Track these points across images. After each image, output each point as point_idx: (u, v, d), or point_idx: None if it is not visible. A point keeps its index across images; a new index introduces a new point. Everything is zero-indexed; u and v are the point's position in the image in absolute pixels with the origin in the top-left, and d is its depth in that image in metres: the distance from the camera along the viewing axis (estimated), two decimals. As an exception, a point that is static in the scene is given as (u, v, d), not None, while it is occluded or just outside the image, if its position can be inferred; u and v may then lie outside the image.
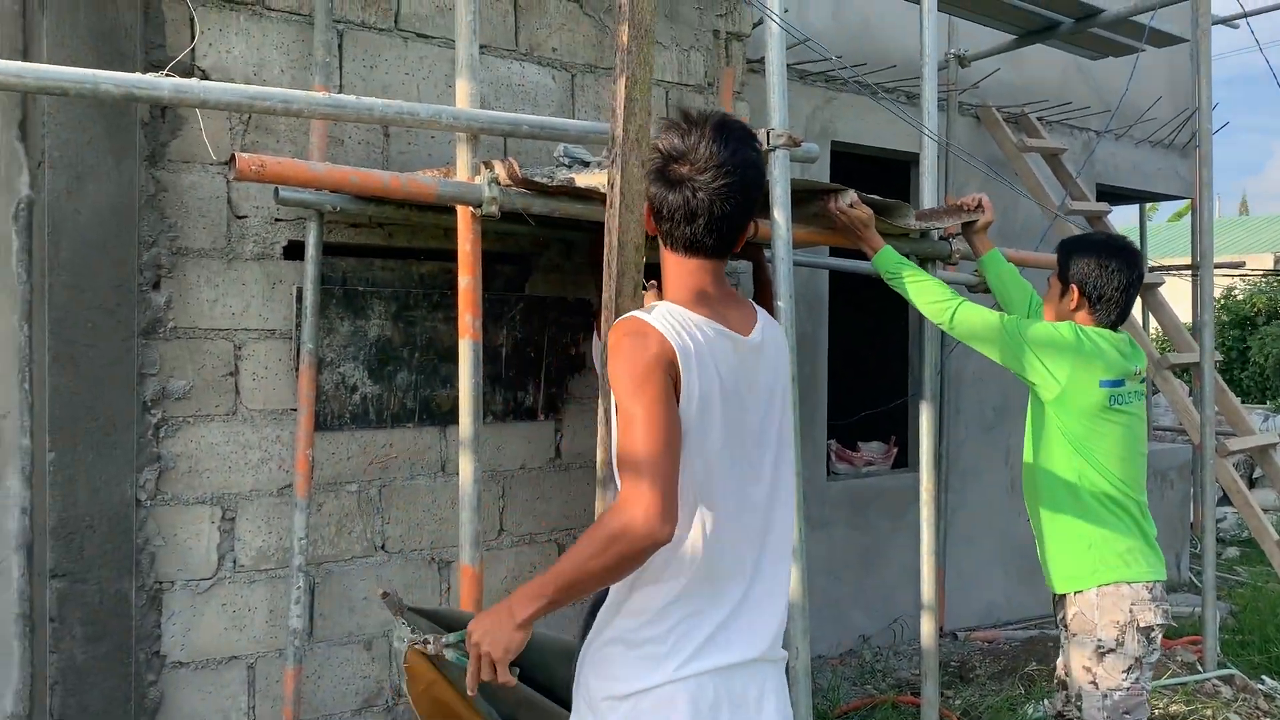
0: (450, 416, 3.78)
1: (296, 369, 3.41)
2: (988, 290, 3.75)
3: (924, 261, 3.61)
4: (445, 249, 3.80)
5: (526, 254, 4.04)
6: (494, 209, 2.43)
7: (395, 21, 3.64)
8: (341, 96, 2.13)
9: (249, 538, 3.39)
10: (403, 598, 2.13)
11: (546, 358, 4.05)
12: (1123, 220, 15.59)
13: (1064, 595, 3.00)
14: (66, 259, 3.02)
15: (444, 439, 3.81)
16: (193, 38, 3.24)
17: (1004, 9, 4.92)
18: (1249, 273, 14.91)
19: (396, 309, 3.66)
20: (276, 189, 3.24)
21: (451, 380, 3.79)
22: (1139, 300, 6.31)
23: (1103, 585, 2.87)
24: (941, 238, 3.60)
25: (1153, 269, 6.48)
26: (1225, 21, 6.50)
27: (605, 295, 2.30)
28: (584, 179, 2.48)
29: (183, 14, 3.22)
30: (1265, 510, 6.80)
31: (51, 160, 2.99)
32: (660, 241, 2.04)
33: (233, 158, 2.01)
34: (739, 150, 1.95)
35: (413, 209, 3.40)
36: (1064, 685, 3.06)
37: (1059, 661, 3.11)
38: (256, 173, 2.02)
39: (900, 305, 3.61)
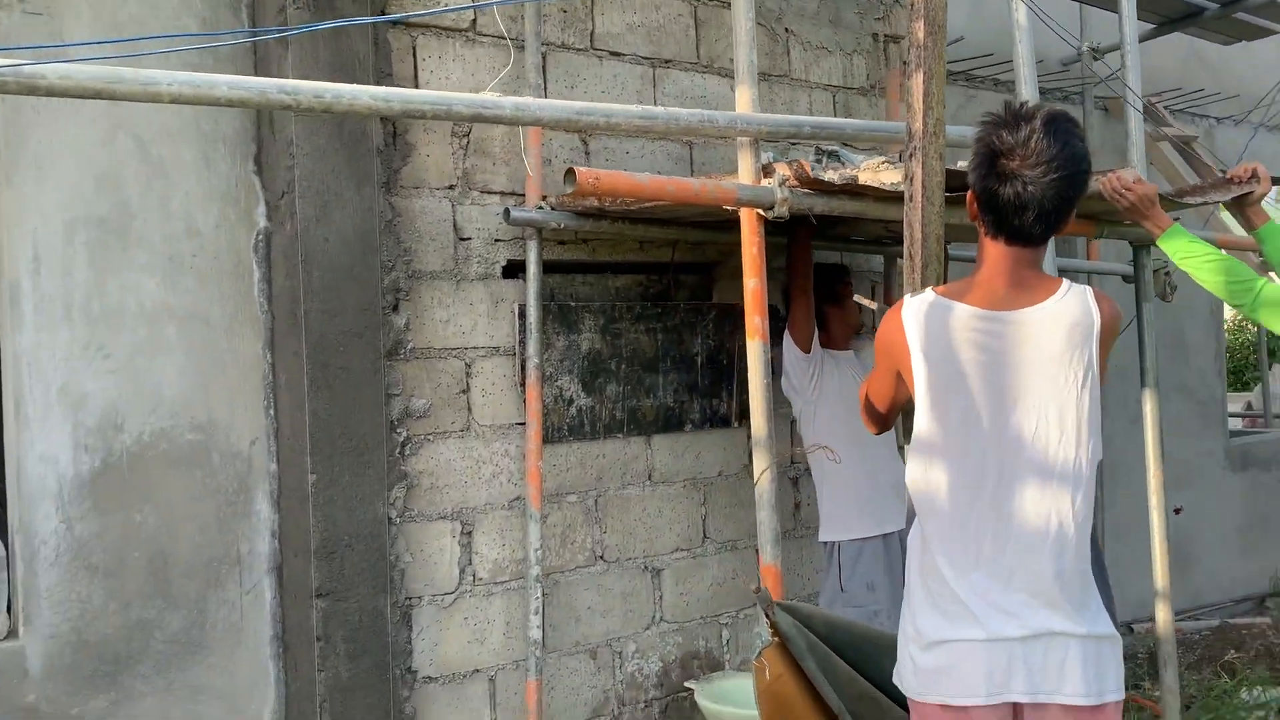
0: (653, 426, 3.85)
1: (521, 384, 3.48)
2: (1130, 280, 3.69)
3: (1139, 248, 3.62)
4: (640, 261, 3.88)
5: (711, 263, 4.10)
6: (784, 210, 2.48)
7: (591, 41, 3.72)
8: (651, 109, 2.20)
9: (485, 551, 3.45)
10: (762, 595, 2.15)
11: (737, 365, 4.09)
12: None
13: None
14: (318, 286, 3.11)
15: (649, 448, 3.86)
16: (415, 65, 3.33)
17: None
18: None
19: (604, 323, 3.72)
20: (508, 210, 3.33)
21: (654, 390, 3.85)
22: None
23: None
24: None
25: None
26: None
27: (909, 286, 2.33)
28: (875, 175, 2.52)
29: (406, 43, 3.32)
30: None
31: (300, 190, 3.09)
32: (980, 228, 2.10)
33: (570, 171, 2.08)
34: (1068, 144, 2.01)
35: (625, 223, 3.47)
36: None
37: None
38: (593, 186, 2.08)
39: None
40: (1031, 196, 1.99)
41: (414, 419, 3.31)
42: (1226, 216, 5.43)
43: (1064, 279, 2.12)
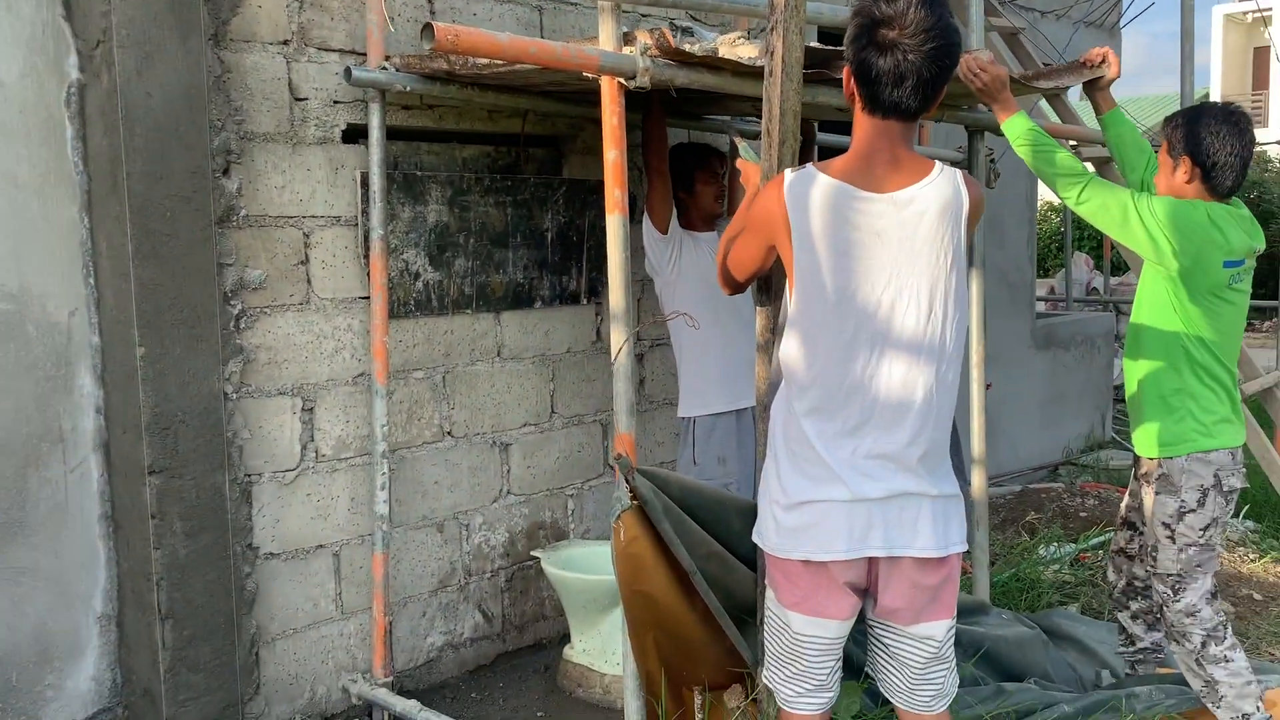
0: (503, 302, 3.81)
1: (364, 256, 3.36)
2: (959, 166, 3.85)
3: (974, 132, 3.76)
4: (488, 132, 3.77)
5: (561, 136, 4.02)
6: (645, 80, 2.43)
7: (437, -108, 3.50)
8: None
9: (328, 427, 3.37)
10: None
11: (587, 241, 4.07)
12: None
13: (1152, 458, 3.12)
14: (141, 146, 2.88)
15: (499, 325, 3.83)
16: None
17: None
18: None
19: (452, 194, 3.62)
20: (349, 69, 3.15)
21: (504, 266, 3.80)
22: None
23: (1193, 453, 3.02)
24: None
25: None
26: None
27: (765, 163, 2.35)
28: (732, 50, 2.50)
29: (234, -119, 3.04)
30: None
31: (119, 40, 2.83)
32: (857, 104, 2.12)
33: (428, 26, 1.96)
34: (942, 16, 2.05)
35: (475, 89, 3.34)
36: (1129, 525, 3.33)
37: (1125, 504, 3.36)
38: (452, 43, 1.98)
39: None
40: (911, 64, 2.02)
41: (249, 290, 3.16)
42: (1046, 106, 5.69)
43: (935, 161, 2.18)
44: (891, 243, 2.06)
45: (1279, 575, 4.78)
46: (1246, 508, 5.41)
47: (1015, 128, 3.06)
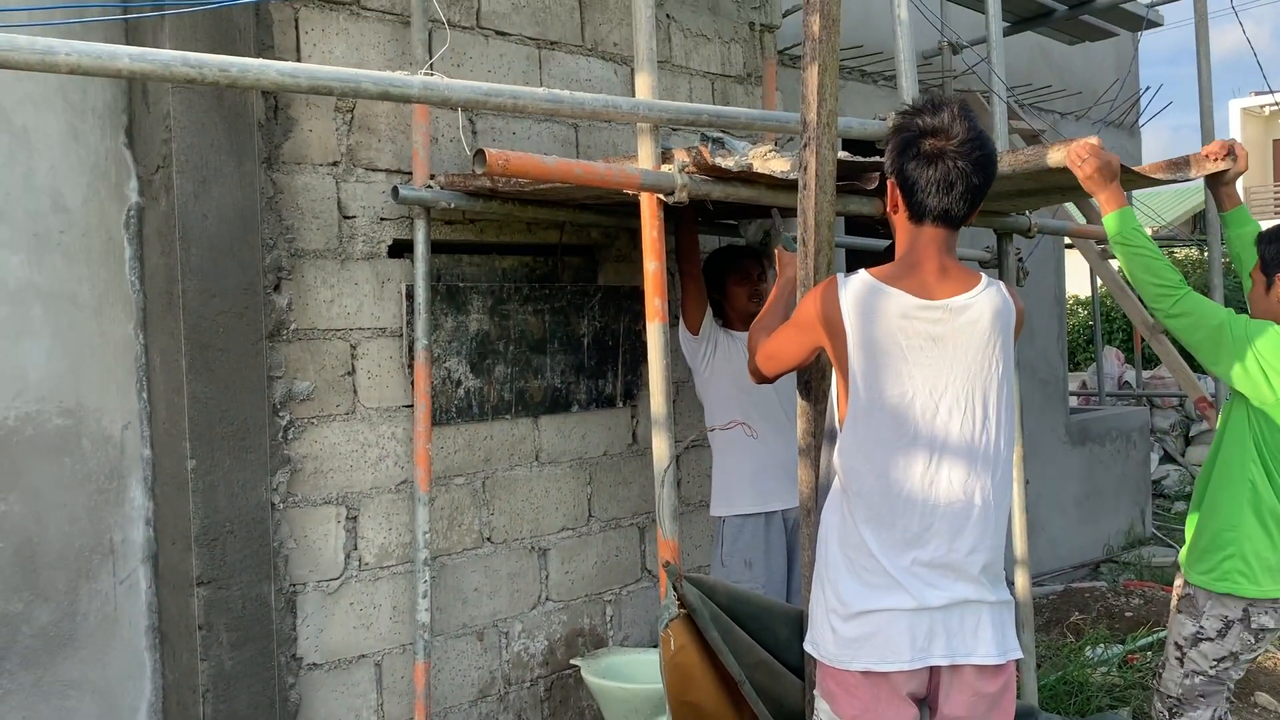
0: (541, 407, 3.87)
1: (409, 366, 3.44)
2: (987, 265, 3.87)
3: (1002, 235, 3.83)
4: (527, 243, 3.88)
5: (596, 245, 4.13)
6: (684, 196, 2.52)
7: (477, 19, 3.68)
8: (558, 92, 2.21)
9: (371, 535, 3.40)
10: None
11: (622, 346, 4.14)
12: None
13: (1188, 579, 3.08)
14: (197, 264, 3.00)
15: (536, 429, 3.88)
16: (298, 38, 3.24)
17: (1005, -2, 5.18)
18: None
19: (492, 304, 3.71)
20: (396, 188, 3.28)
21: (542, 371, 3.87)
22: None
23: (1226, 594, 2.96)
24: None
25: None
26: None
27: (801, 272, 2.42)
28: (765, 163, 2.59)
29: (289, 15, 3.22)
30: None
31: (178, 165, 2.96)
32: (901, 214, 2.20)
33: (480, 153, 2.06)
34: (981, 130, 2.15)
35: (516, 204, 3.46)
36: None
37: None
38: (503, 168, 2.08)
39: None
40: (960, 171, 2.11)
41: (297, 402, 3.24)
42: (1072, 207, 5.78)
43: (980, 271, 2.25)
44: (947, 349, 2.11)
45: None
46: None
47: (1118, 224, 2.81)
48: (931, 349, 2.11)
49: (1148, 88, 7.61)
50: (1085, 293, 15.56)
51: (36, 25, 2.66)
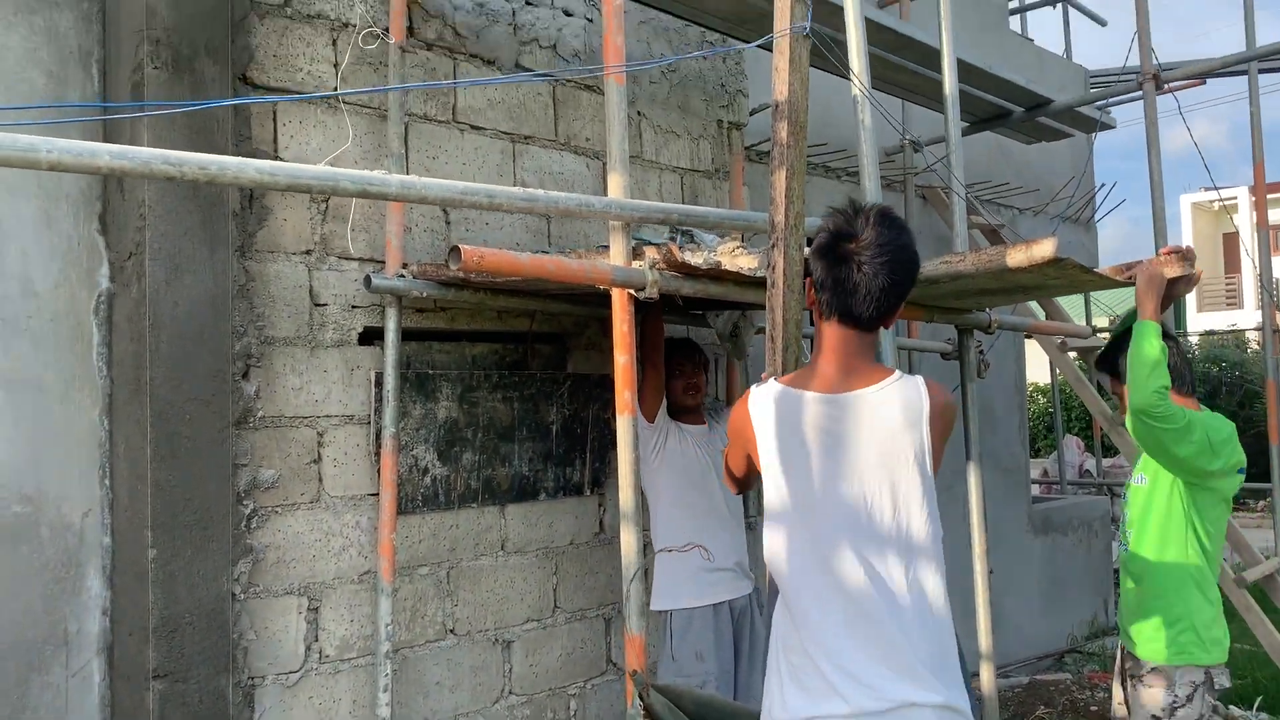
0: (508, 495, 3.85)
1: (375, 454, 3.42)
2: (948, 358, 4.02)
3: (964, 330, 3.91)
4: (498, 330, 3.90)
5: (567, 333, 4.16)
6: (654, 291, 2.57)
7: (453, 114, 3.76)
8: (534, 191, 2.25)
9: (332, 627, 3.35)
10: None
11: (591, 433, 4.15)
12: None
13: (1146, 660, 3.19)
14: (166, 351, 2.99)
15: (503, 517, 3.86)
16: (275, 129, 3.29)
17: (964, 98, 5.36)
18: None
19: (461, 391, 3.72)
20: (369, 277, 3.31)
21: (510, 459, 3.86)
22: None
23: (1189, 665, 3.12)
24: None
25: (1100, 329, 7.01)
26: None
27: (770, 366, 2.46)
28: (733, 261, 2.65)
29: (267, 108, 3.27)
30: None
31: (151, 253, 2.98)
32: (817, 312, 2.26)
33: (455, 249, 2.10)
34: (899, 237, 2.22)
35: (487, 294, 3.50)
36: None
37: (1116, 703, 3.37)
38: (477, 264, 2.11)
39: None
40: (864, 276, 2.17)
41: (262, 490, 3.21)
42: (1035, 304, 5.92)
43: (895, 369, 2.29)
44: (847, 443, 2.15)
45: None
46: (1260, 699, 5.32)
47: (1148, 331, 2.97)
48: (834, 445, 2.15)
49: (1103, 185, 7.87)
50: (1045, 379, 15.83)
51: (21, 124, 2.69)
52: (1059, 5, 8.31)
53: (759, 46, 2.73)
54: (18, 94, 2.94)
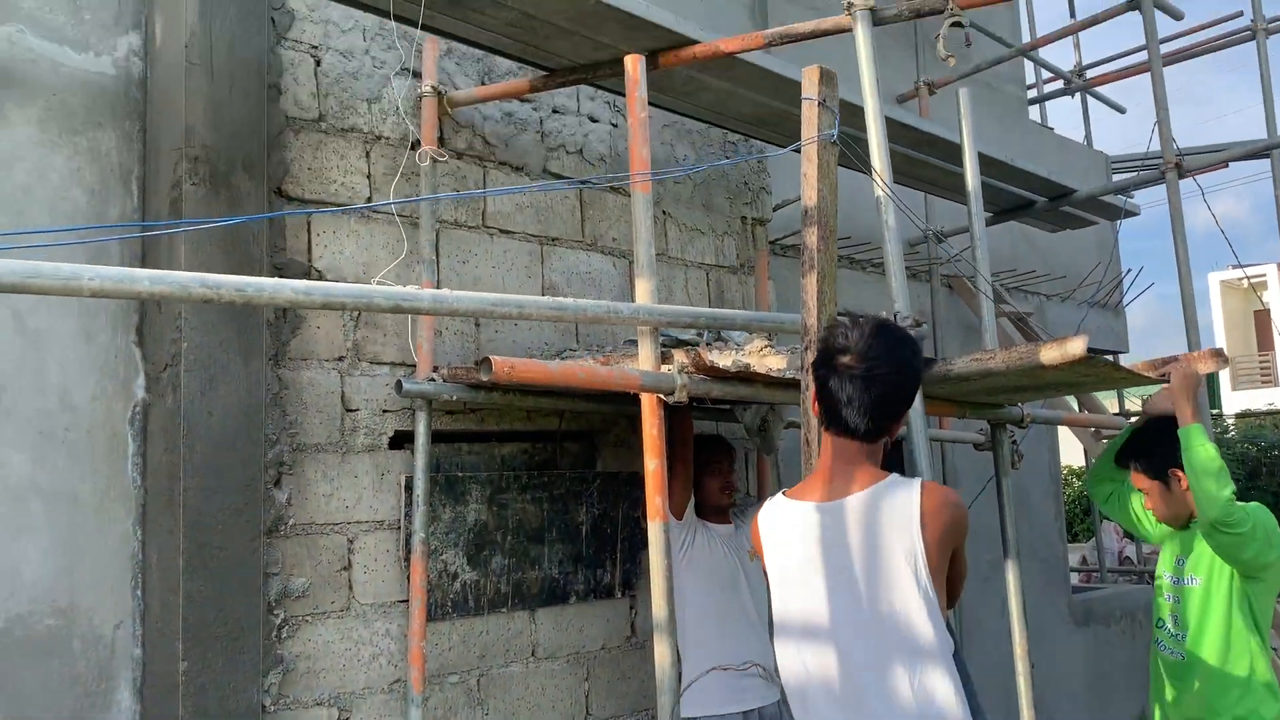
0: (538, 599, 3.81)
1: (405, 559, 3.41)
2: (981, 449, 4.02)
3: (996, 425, 3.87)
4: (527, 430, 3.91)
5: (595, 430, 4.16)
6: (683, 395, 2.57)
7: (483, 219, 3.83)
8: (562, 301, 2.28)
9: (362, 738, 3.30)
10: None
11: (621, 533, 4.12)
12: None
13: None
14: (200, 461, 3.01)
15: (533, 623, 3.81)
16: (309, 240, 3.36)
17: (987, 190, 5.40)
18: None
19: (491, 493, 3.71)
20: (400, 382, 3.34)
21: (539, 562, 3.83)
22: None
23: None
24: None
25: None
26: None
27: (806, 466, 2.45)
28: (761, 362, 2.66)
29: (301, 220, 3.34)
30: None
31: (187, 364, 3.02)
32: (819, 421, 2.27)
33: (486, 360, 2.12)
34: (894, 349, 2.23)
35: (517, 394, 3.51)
36: None
37: None
38: (508, 375, 2.13)
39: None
40: (856, 388, 2.19)
41: (293, 599, 3.19)
42: (1071, 399, 5.87)
43: (892, 474, 2.27)
44: (838, 550, 2.17)
45: None
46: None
47: (1197, 434, 2.98)
48: (827, 553, 2.17)
49: (1129, 270, 7.86)
50: (1079, 462, 15.58)
51: (59, 245, 2.77)
52: (1077, 95, 8.41)
53: (791, 151, 2.77)
54: (61, 213, 3.02)
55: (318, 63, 3.43)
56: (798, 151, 2.67)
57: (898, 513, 2.16)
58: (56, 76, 3.04)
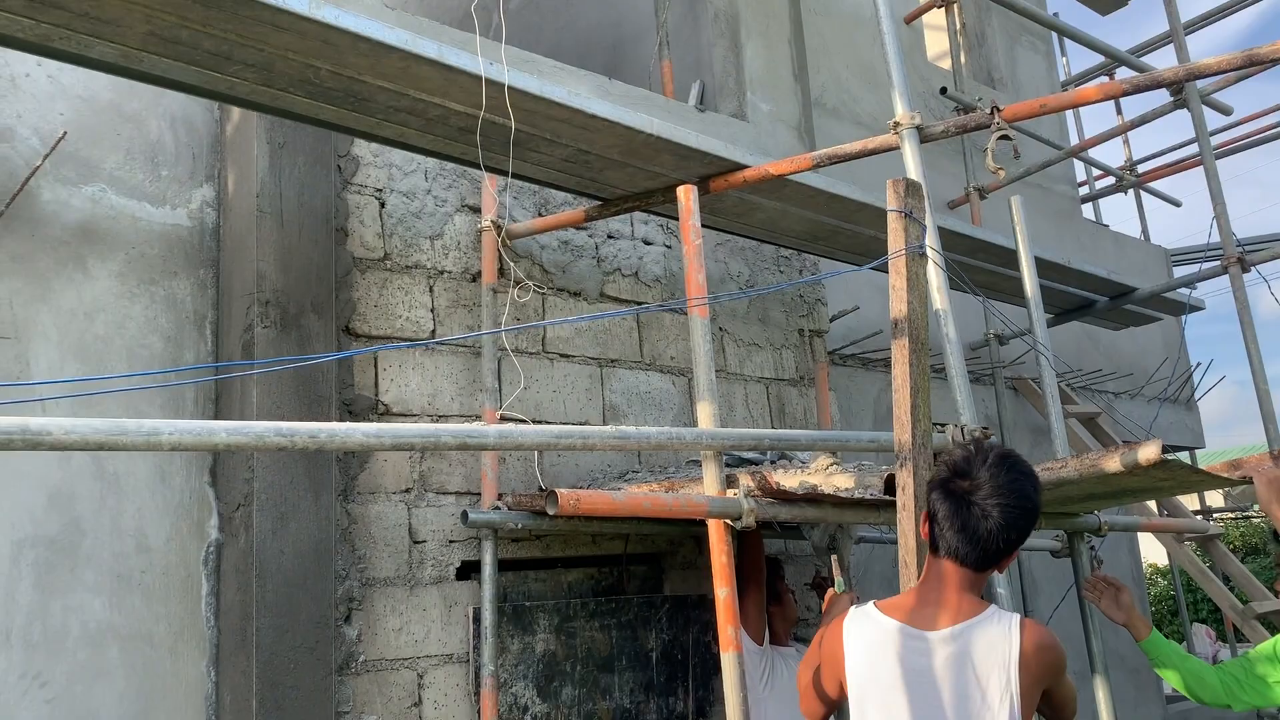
0: (610, 729, 3.72)
1: (475, 693, 3.36)
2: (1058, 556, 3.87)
3: (1073, 534, 3.76)
4: (592, 555, 3.88)
5: (661, 552, 4.12)
6: (750, 520, 2.55)
7: (543, 346, 3.88)
8: (625, 430, 2.29)
9: None
10: None
11: (692, 659, 4.03)
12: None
13: None
14: (272, 600, 3.03)
15: (606, 754, 3.72)
16: (376, 374, 3.43)
17: (1046, 293, 5.37)
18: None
19: (558, 622, 3.67)
20: (465, 512, 3.35)
21: (610, 691, 3.76)
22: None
23: None
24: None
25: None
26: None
27: (905, 586, 2.38)
28: (828, 481, 2.63)
29: (368, 356, 3.42)
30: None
31: (259, 503, 3.07)
32: (927, 542, 2.22)
33: (552, 494, 2.13)
34: (1017, 481, 2.17)
35: (581, 520, 3.50)
36: None
37: None
38: (574, 507, 2.13)
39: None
40: (974, 517, 2.14)
41: (365, 737, 3.16)
42: (1152, 504, 5.70)
43: (993, 605, 2.21)
44: (932, 680, 2.10)
45: None
46: None
47: None
48: (916, 680, 2.10)
49: (1198, 364, 7.69)
50: (1162, 560, 15.01)
51: (136, 390, 2.86)
52: (1130, 192, 8.38)
53: (874, 269, 2.77)
54: (138, 359, 3.13)
55: (382, 204, 3.56)
56: (884, 270, 2.66)
57: (996, 651, 2.12)
58: (135, 231, 3.19)
